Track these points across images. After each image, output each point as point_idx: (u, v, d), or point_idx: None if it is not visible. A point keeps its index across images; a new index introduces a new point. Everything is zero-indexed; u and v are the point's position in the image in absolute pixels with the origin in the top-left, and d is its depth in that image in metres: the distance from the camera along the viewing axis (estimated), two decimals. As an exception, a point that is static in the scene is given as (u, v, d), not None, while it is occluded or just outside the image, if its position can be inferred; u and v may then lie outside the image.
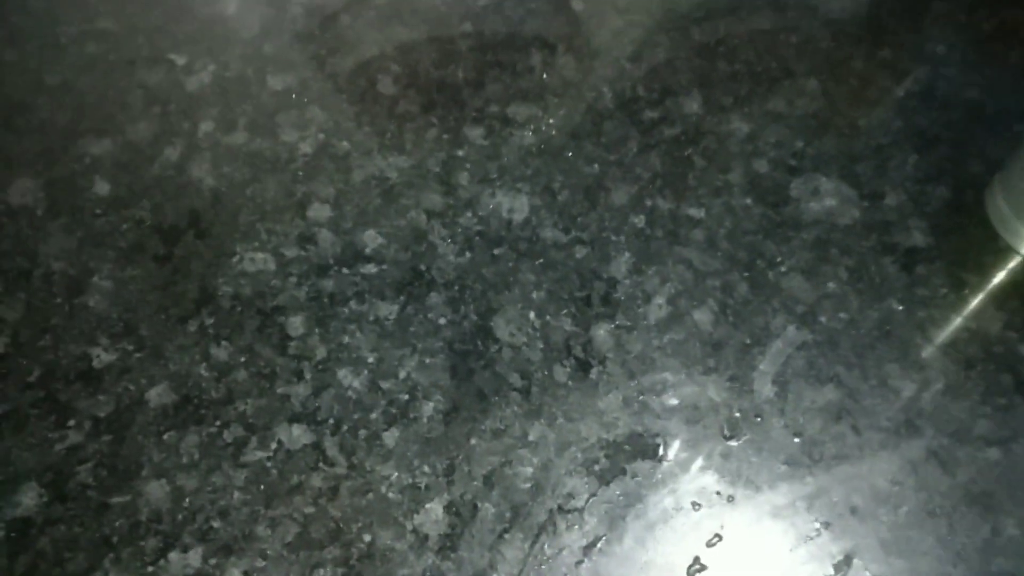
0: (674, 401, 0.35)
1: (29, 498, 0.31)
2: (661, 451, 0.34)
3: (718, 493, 0.33)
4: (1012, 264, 0.42)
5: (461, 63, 0.48)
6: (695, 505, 0.32)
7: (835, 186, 0.44)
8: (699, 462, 0.33)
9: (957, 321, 0.39)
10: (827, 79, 0.50)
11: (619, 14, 0.52)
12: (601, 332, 0.37)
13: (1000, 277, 0.41)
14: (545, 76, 0.48)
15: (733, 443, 0.34)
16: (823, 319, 0.38)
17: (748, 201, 0.42)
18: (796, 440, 0.35)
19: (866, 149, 0.46)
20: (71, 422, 0.33)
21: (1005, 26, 0.54)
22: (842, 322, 0.38)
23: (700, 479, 0.33)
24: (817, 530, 0.32)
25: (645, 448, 0.34)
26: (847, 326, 0.38)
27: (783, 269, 0.40)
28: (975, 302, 0.40)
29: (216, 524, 0.31)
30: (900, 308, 0.39)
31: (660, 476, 0.33)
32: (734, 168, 0.44)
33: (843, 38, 0.52)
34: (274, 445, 0.33)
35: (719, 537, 0.32)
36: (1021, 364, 0.38)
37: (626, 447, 0.34)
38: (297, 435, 0.33)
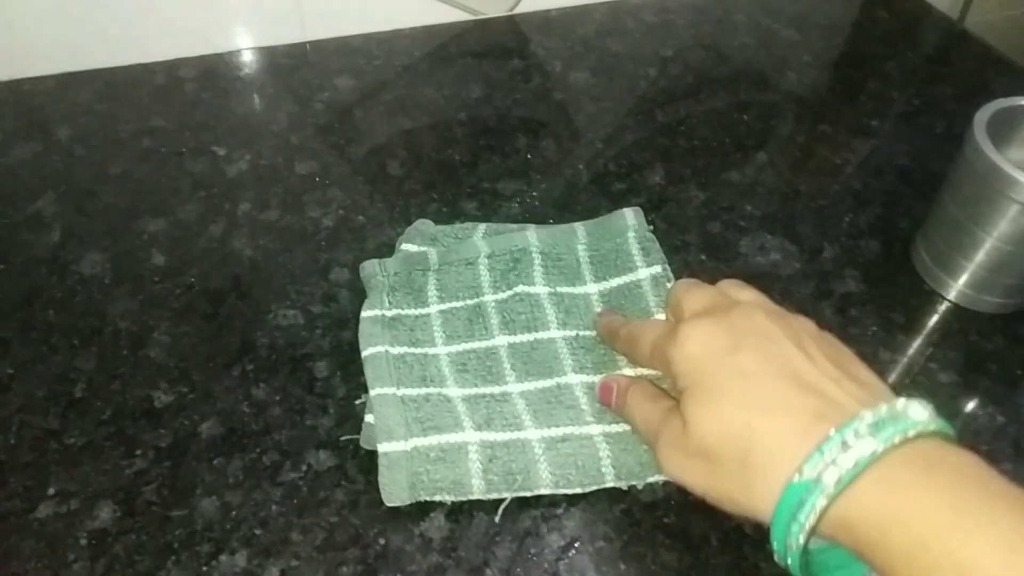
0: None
1: (105, 513, 0.37)
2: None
3: (675, 502, 0.39)
4: (935, 306, 0.48)
5: (458, 147, 0.56)
6: (657, 511, 0.38)
7: (779, 242, 0.51)
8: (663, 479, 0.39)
9: (886, 355, 0.46)
10: (774, 151, 0.57)
11: (593, 101, 0.60)
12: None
13: (924, 318, 0.48)
14: (529, 156, 0.56)
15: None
16: (767, 355, 0.45)
17: (703, 257, 0.49)
18: (744, 457, 0.41)
19: (806, 210, 0.53)
20: (138, 451, 0.39)
21: (931, 102, 0.62)
22: (784, 358, 0.45)
23: (661, 489, 0.39)
24: (762, 530, 0.38)
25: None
26: (788, 361, 0.45)
27: (733, 314, 0.47)
28: (902, 339, 0.47)
29: (258, 532, 0.37)
30: (834, 345, 0.46)
31: (626, 487, 0.39)
32: (691, 229, 0.51)
33: (788, 115, 0.60)
34: (304, 467, 0.39)
35: (677, 536, 0.38)
36: (942, 390, 0.44)
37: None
38: (324, 459, 0.39)
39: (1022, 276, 0.46)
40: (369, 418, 0.39)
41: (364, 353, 0.42)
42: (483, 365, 0.42)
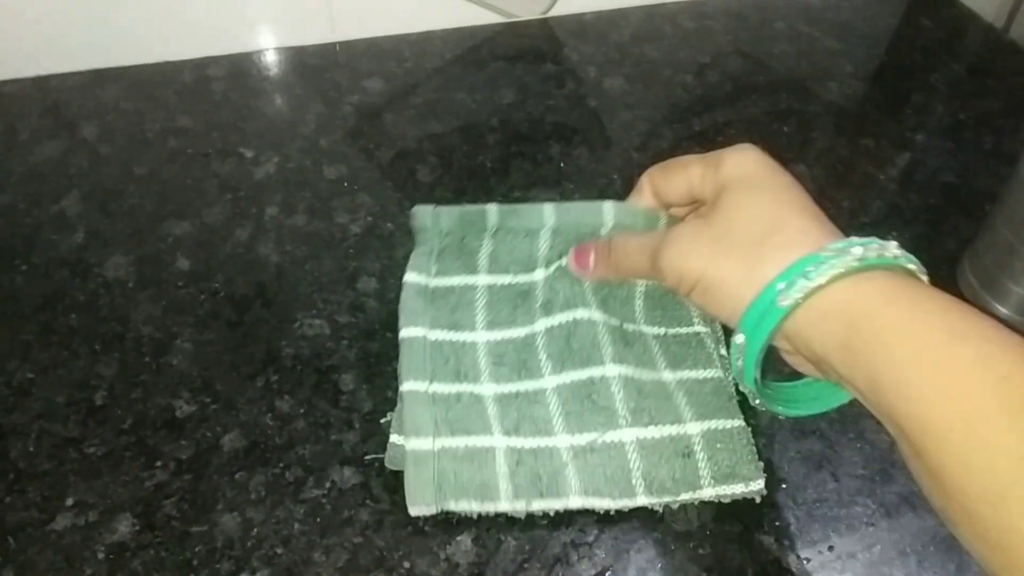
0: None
1: (124, 526, 0.36)
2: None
3: (711, 532, 0.37)
4: (981, 331, 0.47)
5: (489, 153, 0.55)
6: (691, 541, 0.37)
7: (820, 261, 0.49)
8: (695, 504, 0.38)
9: (930, 381, 0.44)
10: (815, 164, 0.55)
11: (628, 109, 0.59)
12: (610, 389, 0.42)
13: (970, 342, 0.46)
14: (562, 164, 0.54)
15: (725, 487, 0.39)
16: (807, 379, 0.43)
17: (741, 274, 0.48)
18: (783, 486, 0.39)
19: (849, 228, 0.51)
20: (158, 463, 0.38)
21: (978, 115, 0.60)
22: (824, 382, 0.43)
23: (696, 519, 0.38)
24: (800, 565, 0.37)
25: (648, 491, 0.39)
26: (829, 385, 0.43)
27: (772, 335, 0.45)
28: (947, 364, 0.45)
29: (279, 551, 0.36)
30: (877, 369, 0.44)
31: (660, 515, 0.37)
32: (729, 245, 0.49)
33: (828, 127, 0.59)
34: (328, 484, 0.38)
35: (712, 569, 0.36)
36: (988, 420, 0.42)
37: (631, 490, 0.39)
38: (348, 476, 0.38)
39: (1077, 303, 0.44)
40: (394, 438, 0.38)
41: (402, 333, 0.40)
42: (519, 358, 0.40)
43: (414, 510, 0.36)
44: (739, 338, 0.32)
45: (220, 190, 0.51)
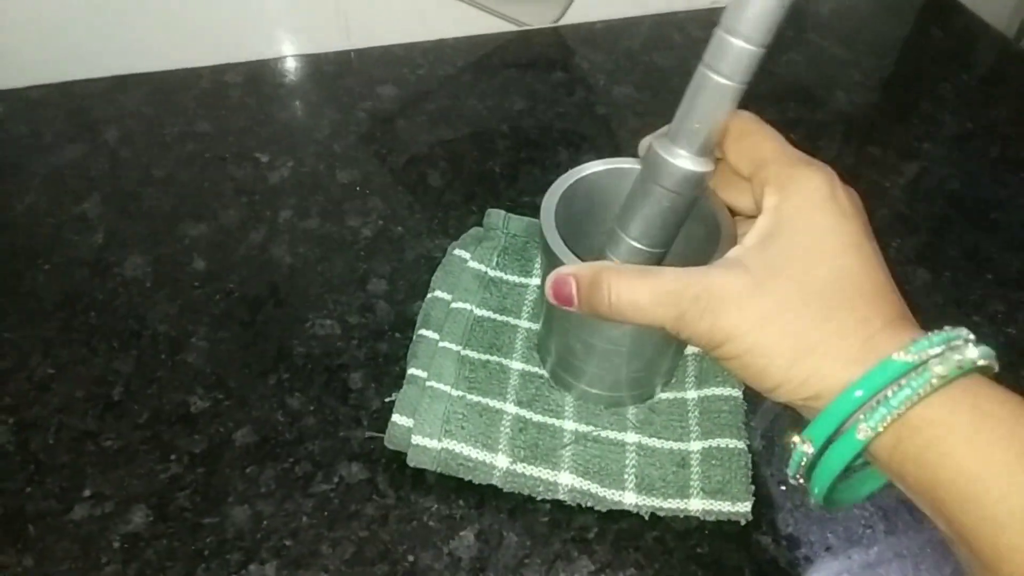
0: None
1: (138, 517, 0.37)
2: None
3: (709, 531, 0.38)
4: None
5: (499, 159, 0.56)
6: (690, 540, 0.38)
7: (823, 267, 0.50)
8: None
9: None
10: (820, 172, 0.56)
11: (637, 116, 0.60)
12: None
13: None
14: (570, 171, 0.55)
15: (725, 488, 0.40)
16: (808, 383, 0.44)
17: (745, 280, 0.48)
18: (781, 488, 0.40)
19: (853, 235, 0.52)
20: (172, 456, 0.39)
21: (986, 125, 0.61)
22: (825, 386, 0.44)
23: (697, 520, 0.38)
24: (797, 565, 0.37)
25: (648, 491, 0.39)
26: (830, 390, 0.44)
27: (774, 339, 0.46)
28: (948, 371, 0.45)
29: (288, 543, 0.37)
30: (878, 375, 0.44)
31: (646, 516, 0.38)
32: (734, 251, 0.50)
33: (836, 135, 0.59)
34: (336, 479, 0.39)
35: (709, 568, 0.37)
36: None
37: (632, 489, 0.39)
38: (355, 471, 0.39)
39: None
40: (396, 418, 0.39)
41: (453, 304, 0.43)
42: None
43: (418, 439, 0.38)
44: (806, 447, 0.28)
45: (235, 193, 0.52)
